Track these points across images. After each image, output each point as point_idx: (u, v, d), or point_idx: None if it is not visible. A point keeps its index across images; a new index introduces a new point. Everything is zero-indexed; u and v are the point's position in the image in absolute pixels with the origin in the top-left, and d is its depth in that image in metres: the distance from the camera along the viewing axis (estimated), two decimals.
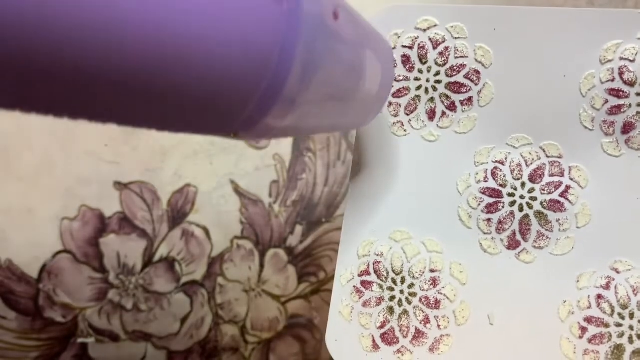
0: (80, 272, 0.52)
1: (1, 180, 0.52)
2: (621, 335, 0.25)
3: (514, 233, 0.28)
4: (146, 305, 0.52)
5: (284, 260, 0.52)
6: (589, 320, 0.26)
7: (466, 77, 0.29)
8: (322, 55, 0.17)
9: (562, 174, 0.27)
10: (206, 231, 0.52)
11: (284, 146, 0.52)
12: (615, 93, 0.27)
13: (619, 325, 0.25)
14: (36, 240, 0.52)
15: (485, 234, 0.28)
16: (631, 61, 0.26)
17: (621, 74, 0.27)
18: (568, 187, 0.27)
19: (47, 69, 0.11)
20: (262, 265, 0.52)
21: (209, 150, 0.52)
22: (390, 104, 0.30)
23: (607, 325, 0.26)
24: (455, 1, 0.49)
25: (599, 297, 0.26)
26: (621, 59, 0.27)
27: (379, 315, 0.29)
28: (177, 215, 0.52)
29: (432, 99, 0.30)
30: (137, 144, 0.52)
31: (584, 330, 0.26)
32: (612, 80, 0.27)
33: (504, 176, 0.28)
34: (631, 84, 0.27)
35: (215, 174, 0.52)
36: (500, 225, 0.28)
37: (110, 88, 0.13)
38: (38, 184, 0.52)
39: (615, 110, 0.27)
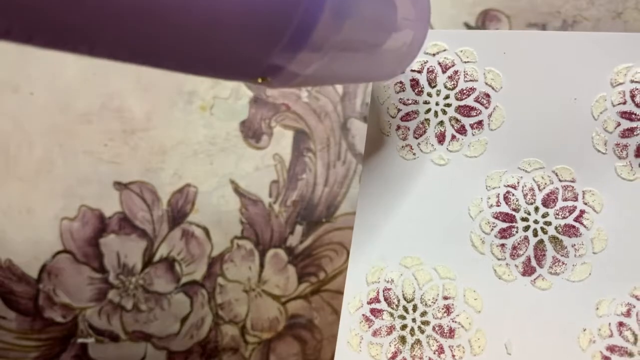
0: (80, 272, 0.52)
1: (1, 180, 0.52)
2: None
3: (528, 259, 0.27)
4: (146, 306, 0.52)
5: (284, 260, 0.52)
6: (611, 349, 0.25)
7: (476, 100, 0.29)
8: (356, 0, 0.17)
9: (575, 199, 0.27)
10: (206, 231, 0.52)
11: (284, 146, 0.52)
12: (627, 116, 0.27)
13: None
14: (36, 241, 0.52)
15: (499, 259, 0.27)
16: None
17: (632, 96, 0.27)
18: (582, 212, 0.27)
19: None
20: (262, 265, 0.52)
21: (209, 150, 0.52)
22: (399, 127, 0.30)
23: (631, 355, 0.25)
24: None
25: (620, 324, 0.25)
26: (632, 81, 0.27)
27: (390, 345, 0.28)
28: (177, 215, 0.52)
29: (441, 123, 0.29)
30: (137, 144, 0.52)
31: (606, 359, 0.25)
32: (624, 103, 0.27)
33: (517, 200, 0.28)
34: None
35: (215, 174, 0.52)
36: (515, 251, 0.27)
37: (142, 19, 0.12)
38: (38, 184, 0.52)
39: (628, 133, 0.27)
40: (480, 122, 0.29)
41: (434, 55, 0.30)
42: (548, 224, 0.27)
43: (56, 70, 0.52)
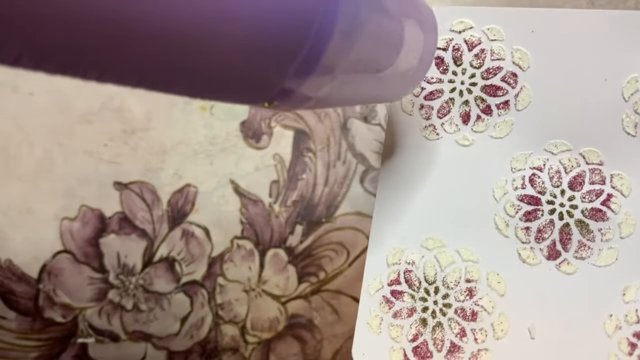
0: (80, 272, 0.52)
1: (1, 180, 0.52)
2: None
3: (553, 242, 0.26)
4: (146, 305, 0.52)
5: (284, 260, 0.52)
6: (638, 335, 0.24)
7: (503, 79, 0.28)
8: (365, 21, 0.17)
9: (603, 182, 0.26)
10: (206, 231, 0.52)
11: (284, 146, 0.52)
12: None
13: None
14: (36, 241, 0.52)
15: (523, 243, 0.27)
16: None
17: None
18: (610, 196, 0.26)
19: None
20: (262, 265, 0.52)
21: (209, 150, 0.52)
22: (422, 106, 0.29)
23: None
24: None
25: None
26: None
27: (411, 328, 0.27)
28: (177, 215, 0.52)
29: (466, 102, 0.29)
30: (137, 144, 0.52)
31: (633, 346, 0.24)
32: None
33: (543, 183, 0.27)
34: None
35: (215, 174, 0.52)
36: (540, 234, 0.27)
37: (151, 44, 0.12)
38: (38, 184, 0.52)
39: None
40: (506, 102, 0.28)
41: (460, 32, 0.29)
42: (574, 207, 0.26)
43: None
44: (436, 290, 0.27)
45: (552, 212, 0.27)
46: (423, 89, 0.30)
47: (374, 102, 0.29)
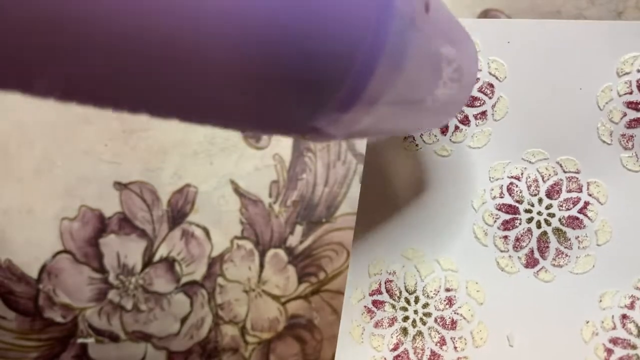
0: (80, 272, 0.52)
1: (1, 180, 0.52)
2: None
3: (531, 251, 0.27)
4: (146, 306, 0.52)
5: (284, 260, 0.52)
6: (614, 341, 0.25)
7: (480, 90, 0.28)
8: (411, 49, 0.16)
9: (580, 190, 0.27)
10: (206, 231, 0.52)
11: (284, 146, 0.52)
12: (634, 106, 0.26)
13: None
14: (36, 241, 0.52)
15: (502, 251, 0.27)
16: None
17: (639, 86, 0.26)
18: (587, 203, 0.26)
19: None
20: (262, 266, 0.52)
21: (209, 150, 0.52)
22: None
23: (634, 347, 0.24)
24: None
25: (624, 317, 0.25)
26: (638, 71, 0.26)
27: (392, 337, 0.27)
28: (177, 215, 0.52)
29: None
30: (137, 144, 0.52)
31: (609, 352, 0.25)
32: (630, 93, 0.26)
33: (520, 192, 0.27)
34: None
35: (215, 174, 0.52)
36: (518, 243, 0.27)
37: (190, 76, 0.12)
38: (38, 184, 0.52)
39: (634, 123, 0.26)
40: (484, 113, 0.28)
41: None
42: (552, 215, 0.27)
43: None
44: (416, 300, 0.28)
45: (529, 220, 0.27)
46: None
47: (411, 133, 0.30)
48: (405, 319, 0.28)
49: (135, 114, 0.13)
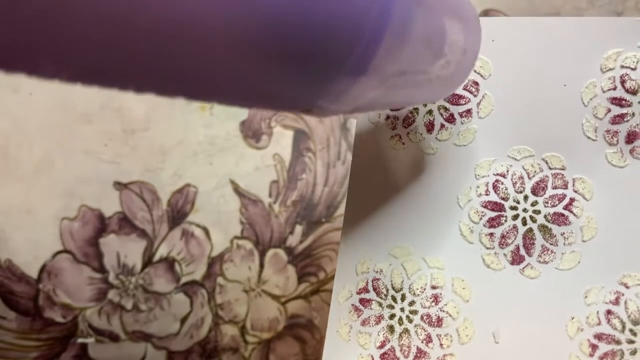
0: (80, 272, 0.52)
1: (1, 180, 0.52)
2: (634, 352, 0.24)
3: (517, 248, 0.27)
4: (146, 305, 0.52)
5: (283, 260, 0.52)
6: (599, 337, 0.25)
7: (465, 88, 0.29)
8: (416, 21, 0.16)
9: (565, 186, 0.27)
10: (206, 231, 0.52)
11: (284, 146, 0.52)
12: (618, 102, 0.26)
13: (630, 342, 0.25)
14: (36, 240, 0.52)
15: (487, 248, 0.27)
16: (632, 69, 0.26)
17: (623, 82, 0.26)
18: (572, 200, 0.27)
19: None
20: (262, 265, 0.52)
21: (209, 150, 0.52)
22: (388, 117, 0.30)
23: (618, 342, 0.25)
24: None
25: (609, 312, 0.25)
26: (622, 67, 0.26)
27: (379, 335, 0.28)
28: (177, 215, 0.52)
29: (430, 112, 0.29)
30: (137, 144, 0.52)
31: (594, 347, 0.25)
32: (614, 89, 0.26)
33: (506, 189, 0.27)
34: (633, 92, 0.26)
35: (215, 174, 0.52)
36: (503, 240, 0.27)
37: (197, 52, 0.12)
38: (38, 184, 0.52)
39: (618, 119, 0.26)
40: (469, 111, 0.29)
41: None
42: (537, 212, 0.27)
43: None
44: (403, 298, 0.28)
45: (515, 217, 0.27)
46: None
47: (415, 104, 0.30)
48: (392, 316, 0.28)
49: (140, 94, 0.13)
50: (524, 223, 0.27)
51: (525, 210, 0.27)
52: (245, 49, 0.13)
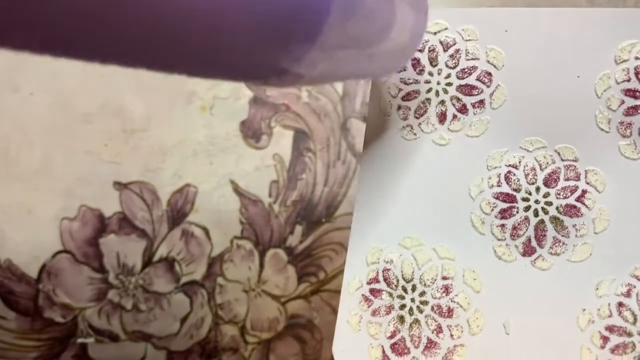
0: (80, 272, 0.52)
1: (1, 180, 0.52)
2: None
3: (529, 239, 0.27)
4: (146, 305, 0.52)
5: (283, 260, 0.52)
6: (610, 329, 0.25)
7: (478, 79, 0.28)
8: None
9: (577, 178, 0.27)
10: (206, 231, 0.52)
11: (283, 146, 0.52)
12: (632, 93, 0.26)
13: None
14: (36, 240, 0.52)
15: (499, 240, 0.27)
16: None
17: (637, 73, 0.26)
18: (584, 192, 0.26)
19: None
20: (262, 265, 0.52)
21: (209, 150, 0.52)
22: (400, 107, 0.30)
23: (630, 334, 0.24)
24: (464, 4, 0.49)
25: (620, 305, 0.25)
26: (636, 58, 0.26)
27: (389, 325, 0.28)
28: (177, 215, 0.52)
29: (442, 102, 0.29)
30: (137, 144, 0.52)
31: (605, 339, 0.25)
32: (628, 81, 0.26)
33: (518, 180, 0.27)
34: None
35: (215, 174, 0.52)
36: (515, 231, 0.27)
37: (154, 28, 0.13)
38: (38, 184, 0.52)
39: (632, 111, 0.26)
40: (481, 101, 0.28)
41: (435, 34, 0.29)
42: (549, 204, 0.27)
43: (56, 70, 0.52)
44: (413, 288, 0.28)
45: (527, 209, 0.27)
46: (400, 90, 0.30)
47: (362, 78, 0.30)
48: (402, 307, 0.28)
49: (104, 64, 0.13)
50: (536, 214, 0.27)
51: (537, 201, 0.27)
52: (215, 18, 0.14)
